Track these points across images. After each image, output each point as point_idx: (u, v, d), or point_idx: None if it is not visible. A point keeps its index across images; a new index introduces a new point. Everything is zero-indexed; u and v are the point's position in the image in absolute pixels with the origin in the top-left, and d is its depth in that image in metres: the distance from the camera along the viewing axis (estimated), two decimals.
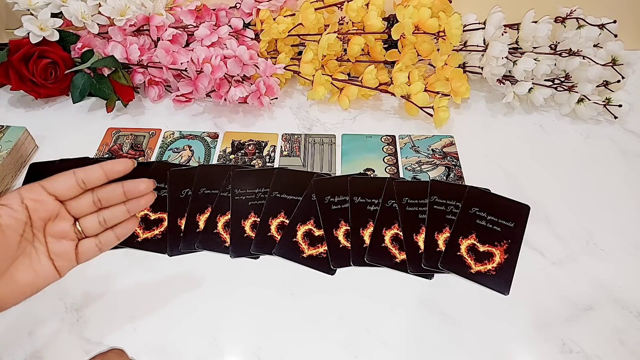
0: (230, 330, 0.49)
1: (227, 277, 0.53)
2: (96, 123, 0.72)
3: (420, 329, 0.49)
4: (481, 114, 0.74)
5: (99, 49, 0.72)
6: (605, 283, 0.52)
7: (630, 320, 0.49)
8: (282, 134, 0.70)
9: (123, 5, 0.70)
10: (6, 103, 0.75)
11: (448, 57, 0.70)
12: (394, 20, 0.72)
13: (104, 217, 0.41)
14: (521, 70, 0.69)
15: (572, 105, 0.71)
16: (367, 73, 0.70)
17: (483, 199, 0.59)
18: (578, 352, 0.47)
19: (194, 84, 0.70)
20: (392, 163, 0.65)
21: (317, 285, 0.52)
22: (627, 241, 0.56)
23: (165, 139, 0.69)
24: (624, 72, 0.70)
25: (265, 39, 0.74)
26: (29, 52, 0.69)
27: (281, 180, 0.61)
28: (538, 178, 0.63)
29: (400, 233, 0.56)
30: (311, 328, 0.49)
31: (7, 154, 0.61)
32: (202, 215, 0.58)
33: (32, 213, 0.38)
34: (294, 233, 0.56)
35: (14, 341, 0.47)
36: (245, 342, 0.48)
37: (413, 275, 0.53)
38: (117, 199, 0.41)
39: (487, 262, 0.53)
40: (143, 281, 0.52)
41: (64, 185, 0.40)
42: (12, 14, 0.74)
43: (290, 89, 0.78)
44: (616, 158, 0.67)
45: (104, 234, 0.42)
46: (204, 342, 0.47)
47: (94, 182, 0.40)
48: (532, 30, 0.70)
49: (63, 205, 0.40)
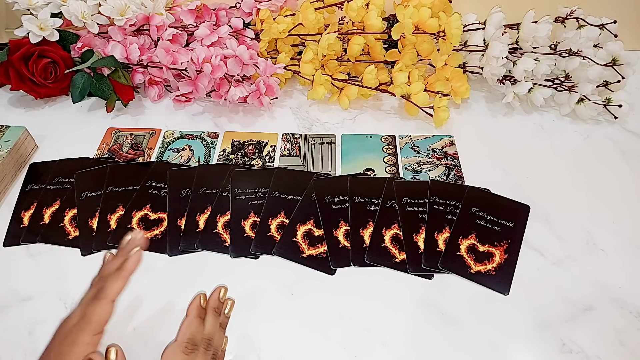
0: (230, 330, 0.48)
1: (227, 277, 0.53)
2: (96, 123, 0.72)
3: (420, 329, 0.49)
4: (481, 114, 0.74)
5: (99, 48, 0.72)
6: (605, 283, 0.52)
7: (630, 320, 0.49)
8: (282, 134, 0.70)
9: (123, 4, 0.70)
10: (6, 103, 0.75)
11: (448, 57, 0.70)
12: (394, 20, 0.72)
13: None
14: (521, 70, 0.69)
15: (572, 105, 0.71)
16: (367, 73, 0.70)
17: (483, 199, 0.59)
18: (578, 352, 0.47)
19: (194, 84, 0.70)
20: (392, 163, 0.65)
21: (317, 285, 0.52)
22: (627, 241, 0.56)
23: (165, 139, 0.69)
24: (624, 72, 0.70)
25: (265, 38, 0.74)
26: (29, 51, 0.69)
27: (281, 180, 0.61)
28: (538, 178, 0.63)
29: (400, 233, 0.56)
30: (311, 328, 0.49)
31: (7, 154, 0.61)
32: (202, 215, 0.58)
33: None
34: (294, 233, 0.56)
35: (14, 341, 0.47)
36: (245, 342, 0.48)
37: (413, 275, 0.53)
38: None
39: (487, 262, 0.53)
40: (143, 281, 0.52)
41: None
42: (12, 14, 0.74)
43: (290, 89, 0.78)
44: (616, 158, 0.67)
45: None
46: None
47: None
48: (532, 30, 0.70)
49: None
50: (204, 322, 0.42)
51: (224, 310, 0.45)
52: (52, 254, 0.55)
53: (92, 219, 0.57)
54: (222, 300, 0.44)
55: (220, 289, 0.45)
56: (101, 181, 0.61)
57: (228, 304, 0.45)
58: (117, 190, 0.60)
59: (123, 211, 0.58)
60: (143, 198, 0.60)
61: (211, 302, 0.43)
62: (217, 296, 0.44)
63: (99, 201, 0.59)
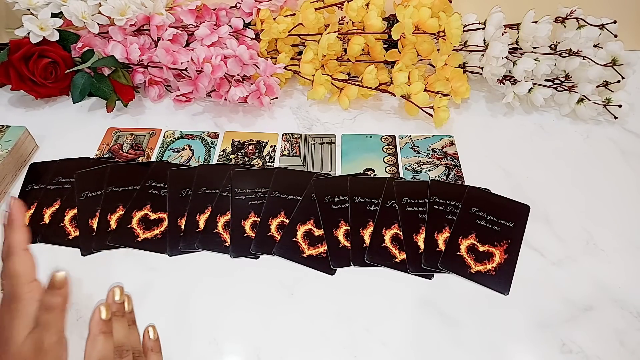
0: (230, 330, 0.49)
1: (227, 277, 0.53)
2: (96, 123, 0.72)
3: (420, 329, 0.49)
4: (481, 114, 0.74)
5: (99, 48, 0.72)
6: (605, 283, 0.52)
7: (630, 320, 0.49)
8: (282, 134, 0.70)
9: (123, 4, 0.70)
10: (6, 103, 0.75)
11: (448, 57, 0.70)
12: (394, 20, 0.72)
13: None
14: (521, 70, 0.69)
15: (572, 106, 0.71)
16: (367, 73, 0.70)
17: (483, 199, 0.59)
18: (578, 353, 0.47)
19: (194, 84, 0.70)
20: (392, 163, 0.65)
21: (317, 285, 0.52)
22: (627, 241, 0.56)
23: (165, 139, 0.69)
24: (624, 72, 0.70)
25: (265, 38, 0.74)
26: (29, 51, 0.69)
27: (281, 180, 0.61)
28: (538, 178, 0.63)
29: (400, 233, 0.56)
30: (311, 328, 0.49)
31: (8, 154, 0.61)
32: (202, 215, 0.58)
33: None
34: (294, 233, 0.56)
35: None
36: (245, 342, 0.48)
37: (413, 275, 0.53)
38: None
39: (487, 262, 0.53)
40: (143, 281, 0.52)
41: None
42: (12, 14, 0.74)
43: (290, 89, 0.78)
44: (616, 158, 0.67)
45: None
46: (203, 341, 0.47)
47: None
48: (532, 30, 0.70)
49: None
50: (111, 333, 0.40)
51: (126, 309, 0.43)
52: (52, 254, 0.55)
53: (92, 219, 0.57)
54: (119, 301, 0.43)
55: (113, 291, 0.43)
56: (101, 181, 0.61)
57: (126, 301, 0.44)
58: (117, 190, 0.60)
59: (123, 211, 0.58)
60: (143, 198, 0.60)
61: (111, 309, 0.42)
62: (113, 299, 0.43)
63: (99, 201, 0.59)
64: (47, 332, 0.38)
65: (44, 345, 0.37)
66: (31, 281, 0.39)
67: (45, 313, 0.38)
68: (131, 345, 0.41)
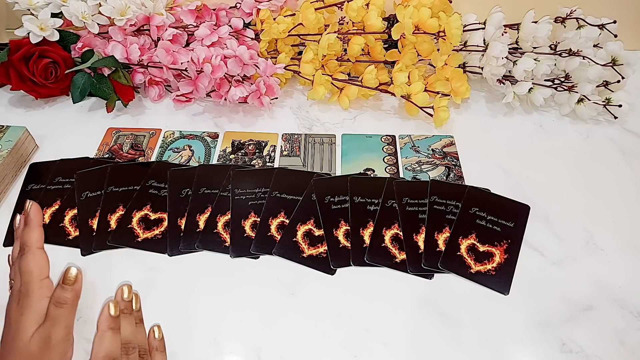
0: (230, 330, 0.49)
1: (227, 277, 0.53)
2: (96, 123, 0.72)
3: (420, 329, 0.49)
4: (481, 114, 0.74)
5: (99, 48, 0.72)
6: (605, 283, 0.52)
7: (630, 320, 0.49)
8: (282, 134, 0.70)
9: (123, 5, 0.70)
10: (6, 103, 0.75)
11: (448, 57, 0.70)
12: (394, 20, 0.72)
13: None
14: (521, 70, 0.69)
15: (572, 105, 0.71)
16: (367, 73, 0.70)
17: (483, 199, 0.59)
18: (578, 352, 0.47)
19: (194, 84, 0.70)
20: (392, 163, 0.65)
21: (317, 285, 0.52)
22: (627, 241, 0.56)
23: (165, 139, 0.69)
24: (624, 72, 0.70)
25: (265, 38, 0.74)
26: (29, 51, 0.69)
27: (281, 180, 0.61)
28: (538, 178, 0.63)
29: (400, 233, 0.56)
30: (311, 328, 0.49)
31: (8, 154, 0.61)
32: (202, 215, 0.58)
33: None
34: (294, 233, 0.56)
35: None
36: (245, 342, 0.48)
37: (413, 275, 0.53)
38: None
39: (487, 262, 0.53)
40: (143, 281, 0.52)
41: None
42: (12, 14, 0.74)
43: (290, 89, 0.78)
44: (616, 158, 0.67)
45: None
46: (203, 341, 0.47)
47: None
48: (532, 30, 0.70)
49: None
50: (119, 330, 0.41)
51: (134, 308, 0.44)
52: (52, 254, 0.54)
53: (92, 219, 0.57)
54: (128, 299, 0.44)
55: (122, 289, 0.44)
56: (101, 181, 0.61)
57: (134, 299, 0.45)
58: (117, 190, 0.60)
59: (123, 211, 0.58)
60: (143, 198, 0.60)
61: (120, 306, 0.43)
62: (122, 297, 0.43)
63: (99, 201, 0.59)
64: (55, 327, 0.38)
65: (51, 340, 0.38)
66: (43, 278, 0.40)
67: (56, 308, 0.38)
68: (138, 343, 0.42)
